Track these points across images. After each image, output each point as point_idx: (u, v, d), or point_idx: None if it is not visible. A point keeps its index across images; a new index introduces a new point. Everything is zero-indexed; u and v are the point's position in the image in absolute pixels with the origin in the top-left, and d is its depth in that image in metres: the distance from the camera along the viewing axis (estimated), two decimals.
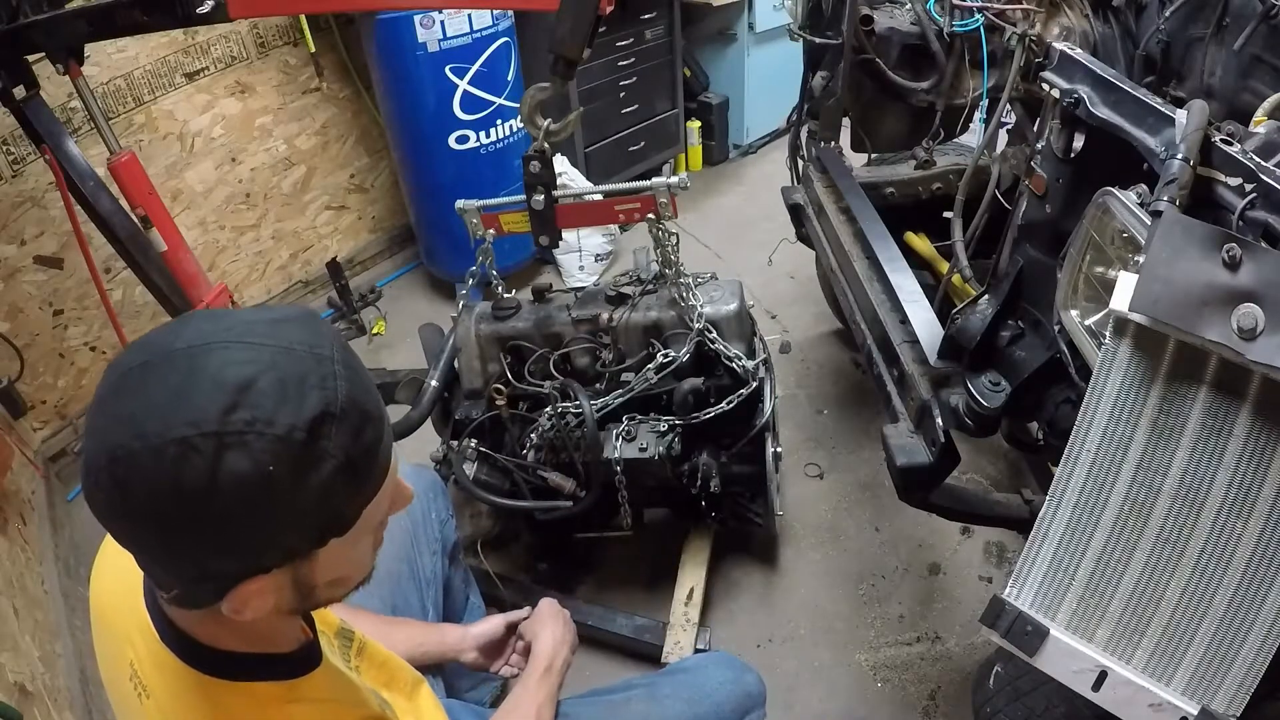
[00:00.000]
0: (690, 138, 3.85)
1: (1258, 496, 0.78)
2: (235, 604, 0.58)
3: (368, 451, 0.57)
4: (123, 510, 0.53)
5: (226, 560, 0.56)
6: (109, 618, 0.74)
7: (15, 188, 2.22)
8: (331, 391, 0.54)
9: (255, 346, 0.54)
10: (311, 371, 0.54)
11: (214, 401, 0.51)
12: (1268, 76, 1.30)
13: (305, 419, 0.52)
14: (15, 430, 2.25)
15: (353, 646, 0.91)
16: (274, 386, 0.52)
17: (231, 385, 0.52)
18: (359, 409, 0.56)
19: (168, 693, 0.67)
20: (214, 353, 0.53)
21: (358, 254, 3.28)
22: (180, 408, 0.51)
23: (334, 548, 0.59)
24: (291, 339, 0.55)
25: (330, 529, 0.58)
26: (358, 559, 0.65)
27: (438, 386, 1.72)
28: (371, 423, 0.57)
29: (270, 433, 0.51)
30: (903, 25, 1.85)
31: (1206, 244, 0.76)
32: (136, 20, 1.75)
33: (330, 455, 0.54)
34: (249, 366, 0.53)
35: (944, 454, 1.29)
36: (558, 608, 1.25)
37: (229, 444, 0.50)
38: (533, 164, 1.47)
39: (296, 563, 0.59)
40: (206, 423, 0.50)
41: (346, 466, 0.55)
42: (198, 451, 0.50)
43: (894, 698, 1.69)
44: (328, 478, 0.54)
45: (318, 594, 0.64)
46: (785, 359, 2.64)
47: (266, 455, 0.51)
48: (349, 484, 0.56)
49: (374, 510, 0.61)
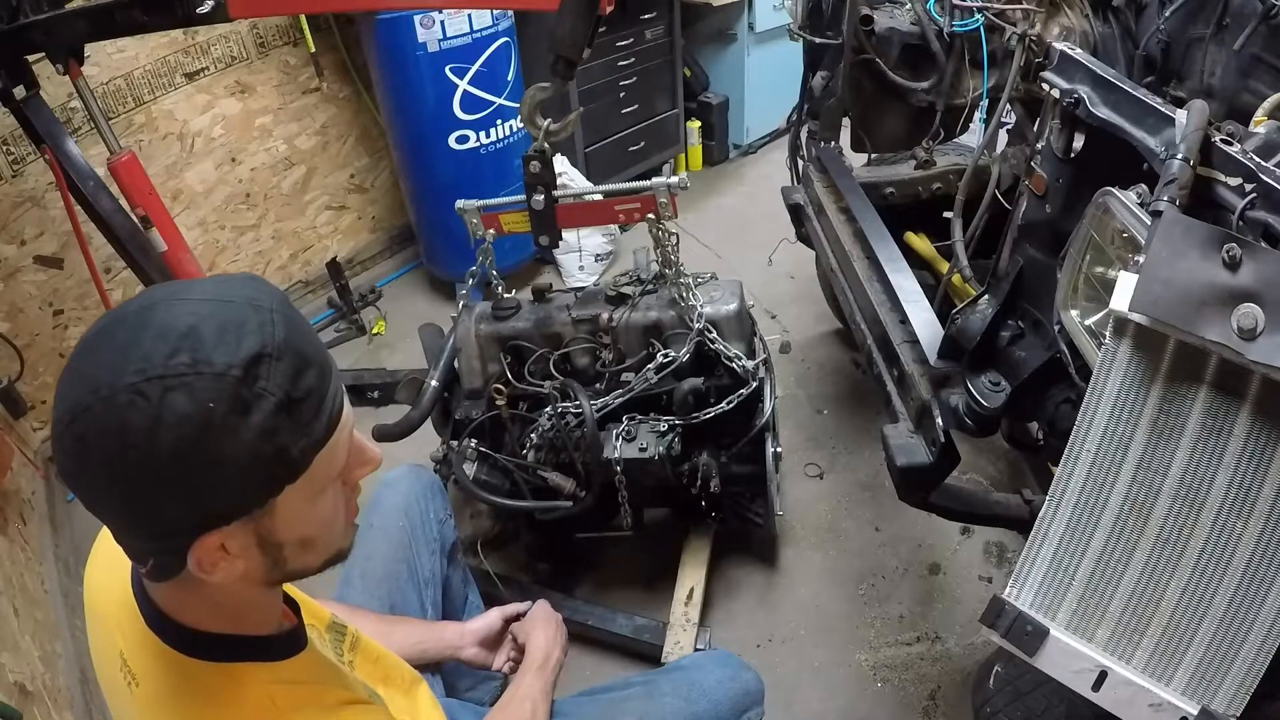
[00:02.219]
0: (690, 138, 3.85)
1: (1258, 496, 0.78)
2: (200, 561, 0.59)
3: (310, 394, 0.59)
4: (85, 469, 0.56)
5: (182, 509, 0.57)
6: (100, 609, 0.75)
7: (15, 188, 2.22)
8: (268, 335, 0.57)
9: (198, 301, 0.58)
10: (249, 319, 0.57)
11: (158, 349, 0.54)
12: (1268, 76, 1.30)
13: (242, 358, 0.55)
14: (15, 430, 2.26)
15: (345, 641, 0.91)
16: (214, 332, 0.56)
17: (174, 334, 0.55)
18: (296, 351, 0.58)
19: (153, 677, 0.68)
20: (159, 308, 0.57)
21: (358, 254, 3.28)
22: (129, 359, 0.54)
23: (292, 500, 0.61)
24: (232, 293, 0.59)
25: (279, 473, 0.59)
26: (322, 518, 0.66)
27: (438, 386, 1.72)
28: (312, 367, 0.60)
29: (209, 371, 0.54)
30: (903, 25, 1.84)
31: (1206, 244, 0.76)
32: (136, 20, 1.75)
33: (269, 393, 0.56)
34: (191, 317, 0.56)
35: (944, 454, 1.29)
36: (550, 611, 1.28)
37: (172, 385, 0.53)
38: (533, 164, 1.47)
39: (255, 515, 0.60)
40: (152, 369, 0.54)
41: (286, 405, 0.57)
42: (143, 395, 0.53)
43: (894, 698, 1.69)
44: (268, 416, 0.56)
45: (287, 556, 0.65)
46: (785, 359, 2.64)
47: (207, 393, 0.54)
48: (291, 424, 0.58)
49: (328, 461, 0.62)
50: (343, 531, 0.70)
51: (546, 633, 1.22)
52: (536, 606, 1.29)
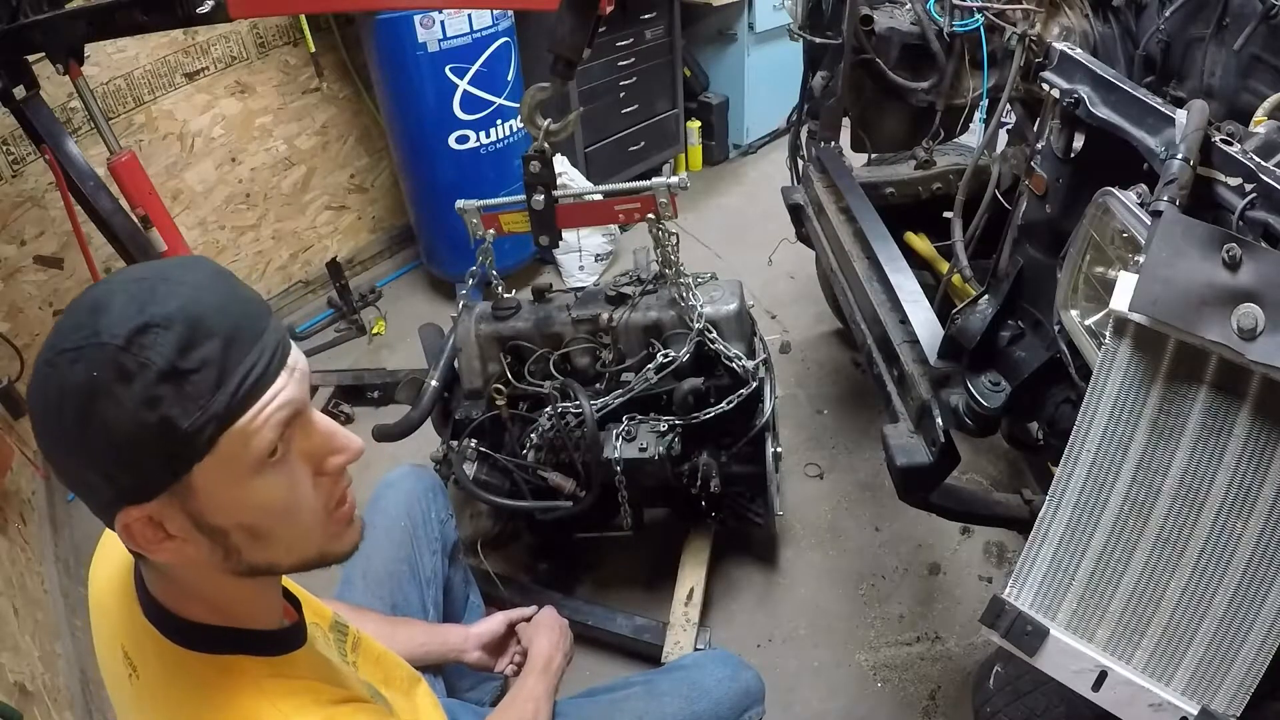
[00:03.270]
0: (690, 138, 3.85)
1: (1258, 496, 0.78)
2: (135, 536, 0.61)
3: (204, 365, 0.57)
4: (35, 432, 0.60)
5: (96, 477, 0.58)
6: (104, 603, 0.76)
7: (15, 188, 2.22)
8: (164, 306, 0.57)
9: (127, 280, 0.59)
10: (156, 289, 0.58)
11: (73, 322, 0.57)
12: (1268, 76, 1.30)
13: (129, 327, 0.56)
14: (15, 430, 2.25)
15: (348, 641, 0.91)
16: (121, 305, 0.57)
17: (86, 308, 0.58)
18: (194, 322, 0.57)
19: (153, 668, 0.69)
20: (97, 287, 0.60)
21: (358, 254, 3.28)
22: (57, 332, 0.58)
23: (210, 480, 0.59)
24: (158, 269, 0.61)
25: (173, 449, 0.57)
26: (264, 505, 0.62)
27: (438, 386, 1.72)
28: (213, 339, 0.57)
29: (96, 341, 0.56)
30: (903, 25, 1.85)
31: (1206, 244, 0.76)
32: (136, 20, 1.75)
33: (150, 362, 0.55)
34: (109, 293, 0.58)
35: (944, 454, 1.29)
36: (556, 616, 1.29)
37: (73, 358, 0.56)
38: (533, 164, 1.47)
39: (175, 492, 0.59)
40: (63, 341, 0.57)
41: (169, 374, 0.55)
42: (53, 367, 0.57)
43: (894, 698, 1.69)
44: (149, 385, 0.55)
45: (237, 545, 0.63)
46: (785, 359, 2.64)
47: (94, 363, 0.55)
48: (179, 396, 0.56)
49: (242, 441, 0.59)
50: (319, 528, 0.67)
51: (550, 637, 1.23)
52: (542, 611, 1.30)
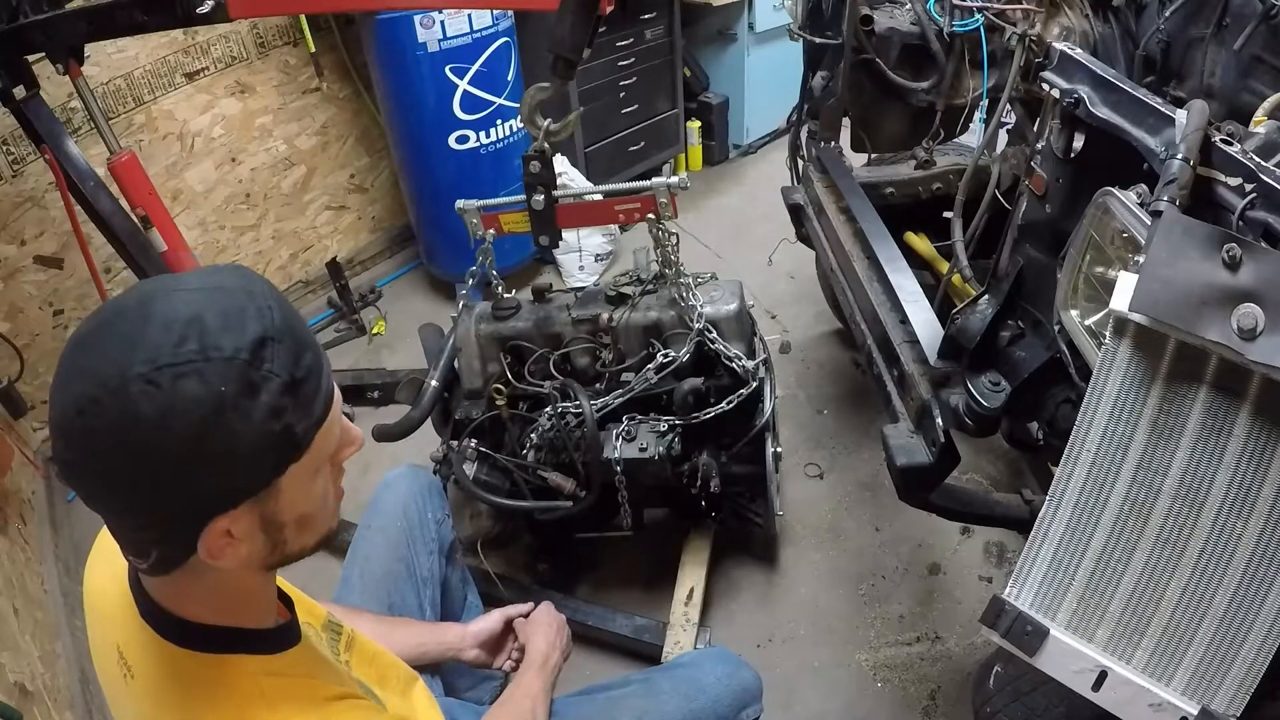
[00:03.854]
0: (690, 138, 3.85)
1: (1258, 496, 0.78)
2: (210, 546, 0.61)
3: (309, 373, 0.62)
4: (92, 462, 0.56)
5: (195, 493, 0.58)
6: (99, 605, 0.76)
7: (15, 188, 2.22)
8: (268, 319, 0.59)
9: (194, 291, 0.59)
10: (248, 305, 0.60)
11: (166, 339, 0.56)
12: (1268, 76, 1.30)
13: (248, 341, 0.57)
14: (15, 430, 2.26)
15: (341, 640, 0.91)
16: (217, 319, 0.57)
17: (180, 322, 0.57)
18: (294, 335, 0.61)
19: (149, 669, 0.69)
20: (157, 299, 0.58)
21: (358, 254, 3.28)
22: (135, 350, 0.55)
23: (295, 478, 0.63)
24: (226, 282, 0.61)
25: (286, 452, 0.61)
26: (319, 495, 0.68)
27: (438, 386, 1.72)
28: (308, 349, 0.62)
29: (218, 356, 0.56)
30: (903, 25, 1.85)
31: (1206, 244, 0.76)
32: (136, 20, 1.75)
33: (275, 374, 0.58)
34: (192, 306, 0.58)
35: (944, 454, 1.29)
36: (553, 612, 1.29)
37: (184, 372, 0.55)
38: (533, 164, 1.47)
39: (262, 496, 0.61)
40: (161, 358, 0.55)
41: (291, 385, 0.59)
42: (155, 384, 0.54)
43: (894, 698, 1.69)
44: (275, 396, 0.58)
45: (287, 538, 0.66)
46: (785, 359, 2.64)
47: (217, 378, 0.56)
48: (295, 403, 0.60)
49: (325, 437, 0.65)
50: (333, 510, 0.72)
51: (547, 634, 1.24)
52: (539, 608, 1.30)
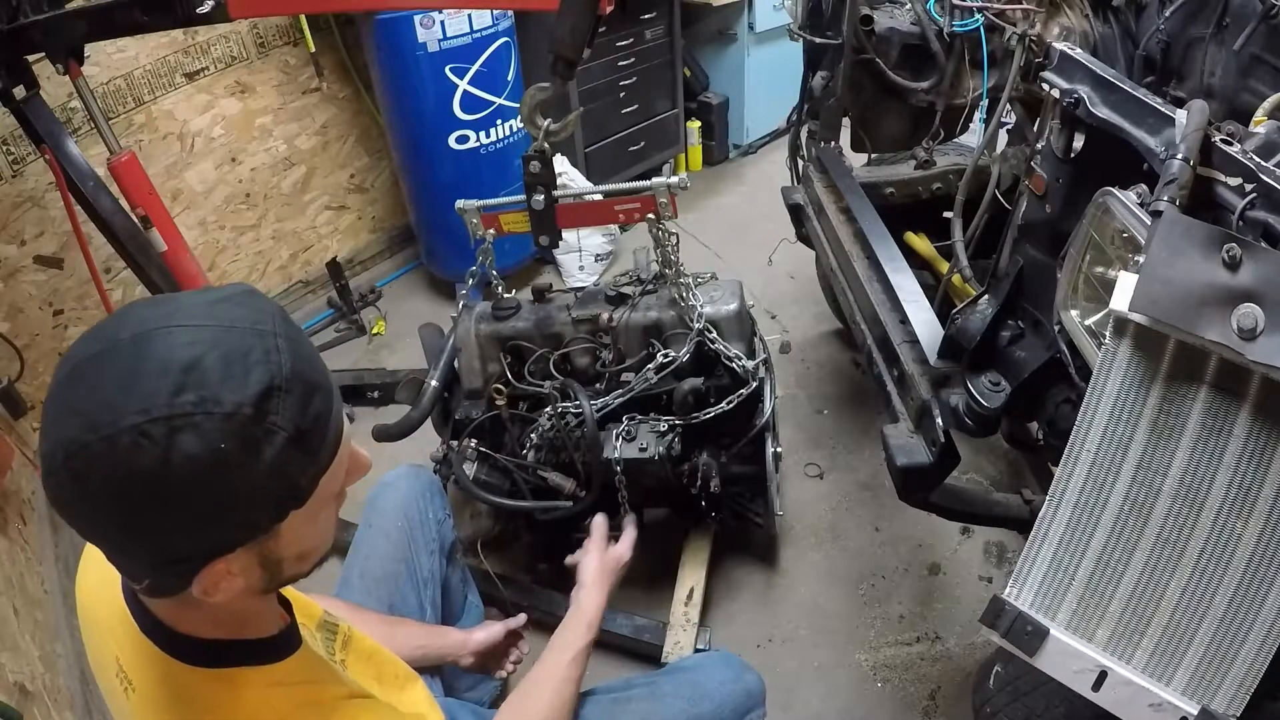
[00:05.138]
0: (690, 138, 3.85)
1: (1258, 496, 0.78)
2: (205, 586, 0.59)
3: (317, 421, 0.57)
4: (83, 503, 0.53)
5: (189, 542, 0.56)
6: (93, 614, 0.75)
7: (15, 188, 2.22)
8: (275, 365, 0.55)
9: (196, 328, 0.54)
10: (254, 347, 0.55)
11: (161, 386, 0.51)
12: (1268, 76, 1.30)
13: (252, 395, 0.53)
14: (15, 430, 2.25)
15: (337, 639, 0.91)
16: (218, 365, 0.53)
17: (177, 368, 0.52)
18: (304, 381, 0.56)
19: (150, 684, 0.68)
20: (156, 338, 0.54)
21: (358, 254, 3.28)
22: (129, 396, 0.51)
23: (295, 521, 0.60)
24: (232, 317, 0.56)
25: (287, 502, 0.58)
26: (321, 530, 0.66)
27: (438, 386, 1.72)
28: (319, 393, 0.58)
29: (219, 411, 0.52)
30: (903, 25, 1.84)
31: (1206, 244, 0.76)
32: (136, 20, 1.75)
33: (279, 429, 0.54)
34: (192, 348, 0.53)
35: (944, 454, 1.29)
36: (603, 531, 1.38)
37: (179, 426, 0.51)
38: (533, 164, 1.47)
39: (260, 539, 0.59)
40: (156, 408, 0.51)
41: (297, 438, 0.55)
42: (149, 438, 0.50)
43: (894, 698, 1.69)
44: (279, 451, 0.54)
45: (285, 569, 0.64)
46: (785, 359, 2.64)
47: (216, 434, 0.51)
48: (301, 455, 0.56)
49: (330, 480, 0.61)
50: (332, 535, 0.70)
51: (598, 553, 1.32)
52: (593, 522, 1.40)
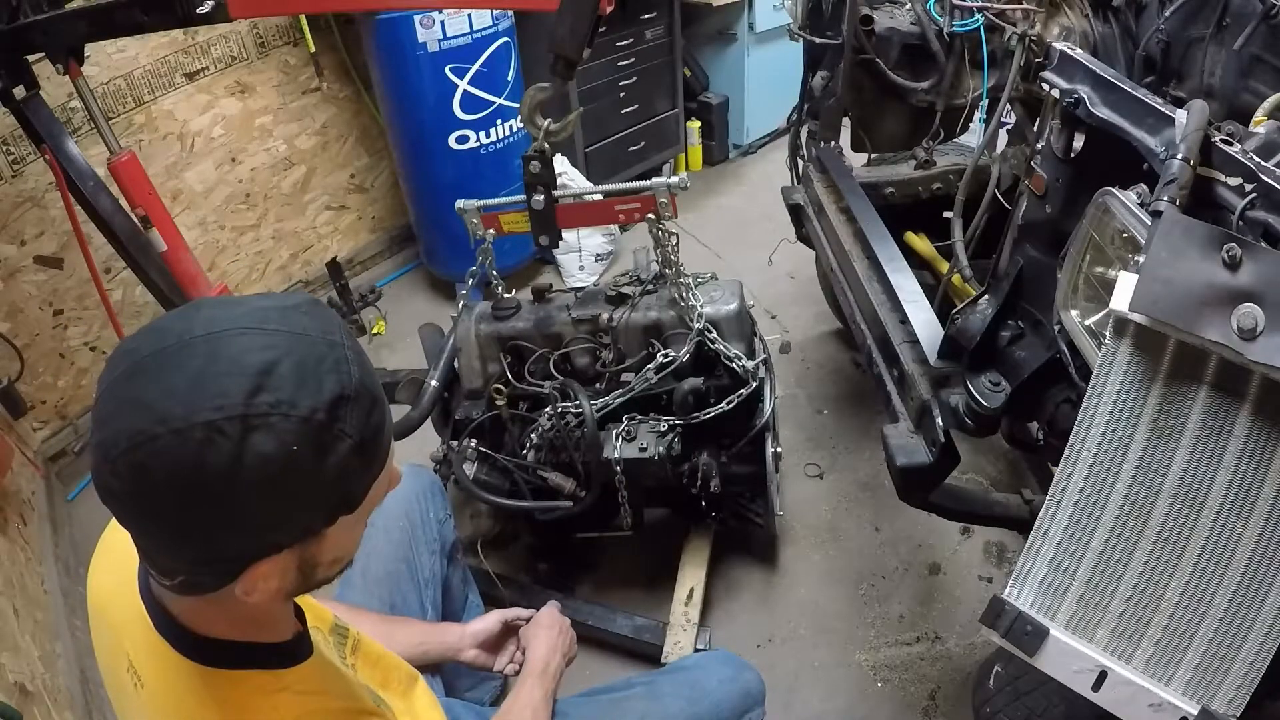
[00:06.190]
0: (690, 138, 3.85)
1: (1258, 496, 0.78)
2: (247, 585, 0.60)
3: (377, 431, 0.60)
4: (140, 495, 0.54)
5: (241, 540, 0.57)
6: (106, 611, 0.75)
7: (15, 188, 2.22)
8: (346, 375, 0.58)
9: (271, 333, 0.56)
10: (326, 356, 0.57)
11: (238, 385, 0.53)
12: (1268, 76, 1.30)
13: (325, 401, 0.55)
14: (15, 430, 2.25)
15: (348, 643, 0.91)
16: (294, 371, 0.55)
17: (254, 369, 0.54)
18: (369, 392, 0.60)
19: (161, 681, 0.69)
20: (232, 339, 0.55)
21: (358, 254, 3.28)
22: (204, 392, 0.53)
23: (341, 526, 0.62)
24: (305, 326, 0.58)
25: (342, 507, 0.61)
26: (357, 537, 0.68)
27: (438, 386, 1.72)
28: (378, 405, 0.61)
29: (294, 414, 0.54)
30: (903, 25, 1.85)
31: (1206, 244, 0.76)
32: (136, 20, 1.75)
33: (347, 435, 0.57)
34: (269, 352, 0.55)
35: (944, 454, 1.29)
36: (556, 616, 1.27)
37: (255, 425, 0.53)
38: (533, 164, 1.47)
39: (307, 542, 0.61)
40: (232, 406, 0.52)
41: (360, 446, 0.58)
42: (223, 434, 0.52)
43: (894, 698, 1.69)
44: (343, 458, 0.57)
45: (319, 573, 0.66)
46: (785, 359, 2.64)
47: (290, 436, 0.54)
48: (360, 463, 0.59)
49: (377, 488, 0.64)
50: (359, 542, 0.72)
51: (548, 639, 1.21)
52: (541, 612, 1.27)
